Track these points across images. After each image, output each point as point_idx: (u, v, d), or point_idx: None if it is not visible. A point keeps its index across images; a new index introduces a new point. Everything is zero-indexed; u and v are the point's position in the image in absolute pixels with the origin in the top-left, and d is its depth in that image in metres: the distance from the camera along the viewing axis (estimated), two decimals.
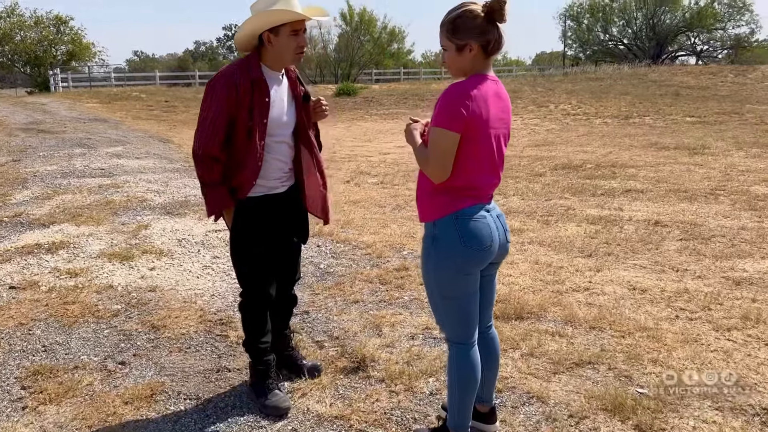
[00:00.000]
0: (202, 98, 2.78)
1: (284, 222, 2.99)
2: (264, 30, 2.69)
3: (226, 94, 2.69)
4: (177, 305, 4.10)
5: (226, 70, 2.76)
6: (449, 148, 2.25)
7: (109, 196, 7.41)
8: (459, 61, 2.33)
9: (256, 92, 2.73)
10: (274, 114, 2.79)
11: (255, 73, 2.74)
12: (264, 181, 2.85)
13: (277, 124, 2.81)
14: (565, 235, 5.76)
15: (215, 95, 2.71)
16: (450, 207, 2.35)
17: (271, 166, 2.85)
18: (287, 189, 2.97)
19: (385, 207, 7.18)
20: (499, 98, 2.38)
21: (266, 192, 2.87)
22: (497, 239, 2.40)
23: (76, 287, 4.42)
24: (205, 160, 2.74)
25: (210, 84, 2.76)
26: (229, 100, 2.69)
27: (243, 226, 2.86)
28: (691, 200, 7.05)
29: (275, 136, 2.83)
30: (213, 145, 2.73)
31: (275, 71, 2.83)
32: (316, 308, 4.09)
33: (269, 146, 2.82)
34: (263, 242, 2.89)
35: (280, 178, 2.92)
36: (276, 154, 2.86)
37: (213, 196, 2.79)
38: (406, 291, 4.37)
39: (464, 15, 2.29)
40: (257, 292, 2.92)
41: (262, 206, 2.87)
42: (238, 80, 2.70)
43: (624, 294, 4.31)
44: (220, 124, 2.71)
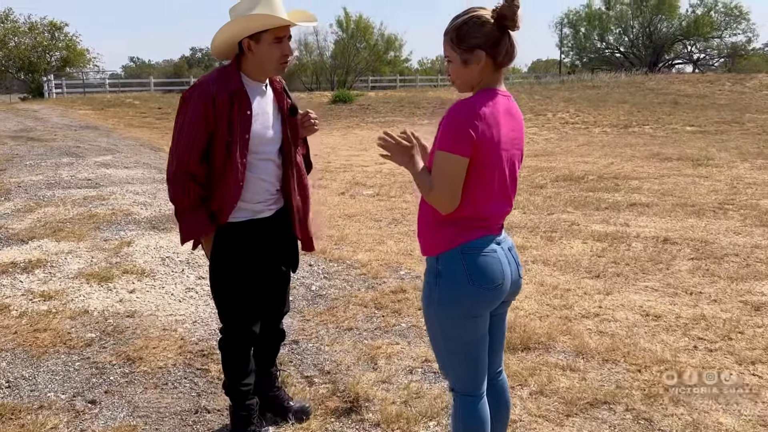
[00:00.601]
0: (176, 113, 2.49)
1: (271, 249, 2.69)
2: (243, 37, 2.41)
3: (203, 106, 2.40)
4: (155, 333, 3.79)
5: (201, 80, 2.47)
6: (457, 174, 1.96)
7: (94, 209, 7.10)
8: (465, 74, 2.05)
9: (235, 104, 2.44)
10: (257, 128, 2.50)
11: (234, 84, 2.45)
12: (247, 204, 2.55)
13: (260, 139, 2.52)
14: (570, 254, 5.47)
15: (190, 108, 2.42)
16: (456, 239, 2.06)
17: (255, 186, 2.55)
18: (274, 213, 2.67)
19: (381, 221, 6.89)
20: (511, 116, 2.10)
21: (250, 216, 2.58)
22: (509, 276, 2.11)
23: (49, 312, 4.11)
24: (182, 178, 2.44)
25: (184, 96, 2.47)
26: (205, 113, 2.40)
27: (224, 255, 2.56)
28: (699, 215, 6.78)
29: (259, 153, 2.53)
30: (190, 161, 2.43)
31: (257, 82, 2.54)
32: (306, 337, 3.79)
33: (252, 165, 2.52)
34: (247, 273, 2.59)
35: (266, 200, 2.61)
36: (260, 174, 2.55)
37: (189, 221, 2.48)
38: (404, 317, 4.07)
39: (471, 22, 2.01)
40: (240, 329, 2.62)
41: (246, 233, 2.57)
42: (215, 92, 2.41)
43: (637, 321, 4.02)
44: (196, 139, 2.42)
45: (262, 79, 2.55)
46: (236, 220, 2.55)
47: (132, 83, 39.14)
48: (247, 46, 2.42)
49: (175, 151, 2.45)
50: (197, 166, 2.44)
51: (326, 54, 40.69)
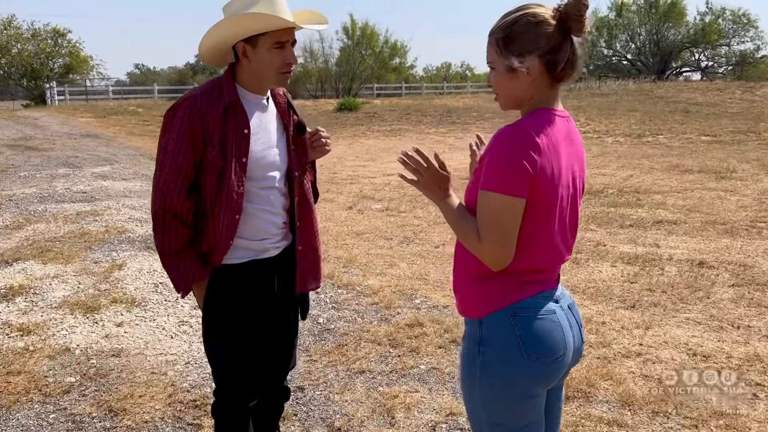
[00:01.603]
0: (160, 132, 2.06)
1: (277, 296, 2.24)
2: (238, 40, 1.97)
3: (189, 127, 1.97)
4: (143, 378, 3.36)
5: (188, 94, 2.04)
6: (512, 220, 1.53)
7: (86, 225, 6.68)
8: (511, 86, 1.62)
9: (230, 122, 2.01)
10: (256, 149, 2.06)
11: (228, 97, 2.02)
12: (247, 241, 2.12)
13: (261, 163, 2.08)
14: (600, 279, 5.02)
15: (175, 128, 1.99)
16: (504, 298, 1.63)
17: (256, 221, 2.11)
18: (282, 251, 2.23)
19: (392, 239, 6.45)
20: (571, 142, 1.67)
21: (252, 257, 2.14)
22: (572, 343, 1.68)
23: (26, 350, 3.69)
24: (164, 218, 2.02)
25: (169, 113, 2.03)
26: (192, 135, 1.97)
27: (218, 305, 2.13)
28: (732, 235, 6.33)
29: (260, 180, 2.10)
30: (174, 197, 2.01)
31: (256, 94, 2.10)
32: (312, 382, 3.35)
33: (252, 194, 2.08)
34: (247, 327, 2.16)
35: (272, 237, 2.18)
36: (263, 204, 2.12)
37: (176, 268, 2.05)
38: (422, 357, 3.63)
39: (524, 20, 1.58)
40: (236, 395, 2.18)
41: (246, 276, 2.13)
42: (205, 107, 1.98)
43: (684, 361, 3.58)
44: (181, 169, 2.00)
45: (262, 91, 2.12)
46: (234, 261, 2.12)
47: (136, 90, 38.88)
48: (242, 51, 1.99)
49: (157, 185, 2.02)
50: (183, 202, 2.01)
51: (331, 61, 40.32)
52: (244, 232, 2.10)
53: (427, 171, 1.69)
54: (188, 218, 2.04)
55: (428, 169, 1.69)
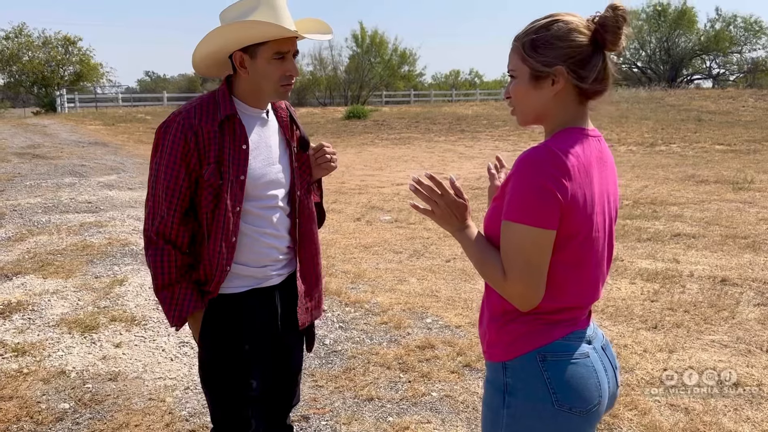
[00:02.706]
0: (151, 151, 1.89)
1: (280, 328, 2.06)
2: (235, 49, 1.81)
3: (183, 144, 1.81)
4: (140, 405, 3.19)
5: (183, 108, 1.88)
6: (541, 255, 1.35)
7: (89, 237, 6.55)
8: (534, 98, 1.45)
9: (227, 137, 1.85)
10: (256, 166, 1.90)
11: (225, 110, 1.86)
12: (246, 268, 1.95)
13: (261, 181, 1.92)
14: (619, 297, 4.82)
15: (167, 146, 1.83)
16: (532, 341, 1.45)
17: (256, 244, 1.95)
18: (285, 278, 2.06)
19: (402, 253, 6.27)
20: (603, 164, 1.51)
21: (253, 285, 1.97)
22: (607, 389, 1.49)
23: (20, 373, 3.53)
24: (158, 245, 1.85)
25: (160, 130, 1.87)
26: (186, 153, 1.81)
27: (215, 338, 1.95)
28: (755, 250, 6.10)
29: (260, 199, 1.93)
30: (168, 223, 1.85)
31: (255, 108, 1.94)
32: (318, 411, 3.16)
33: (252, 215, 1.92)
34: (249, 362, 1.98)
35: (274, 263, 2.01)
36: (264, 227, 1.95)
37: (171, 298, 1.88)
38: (434, 383, 3.44)
39: (555, 27, 1.41)
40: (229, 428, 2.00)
41: (246, 307, 1.96)
42: (199, 123, 1.83)
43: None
44: (175, 190, 1.84)
45: (261, 104, 1.95)
46: (232, 290, 1.94)
47: (146, 98, 39.01)
48: (240, 61, 1.83)
49: (151, 207, 1.87)
50: (178, 227, 1.85)
51: (340, 69, 40.28)
52: (243, 257, 1.93)
53: (443, 199, 1.51)
54: (183, 244, 1.88)
55: (443, 197, 1.51)
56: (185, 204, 1.85)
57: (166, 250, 1.84)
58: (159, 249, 1.85)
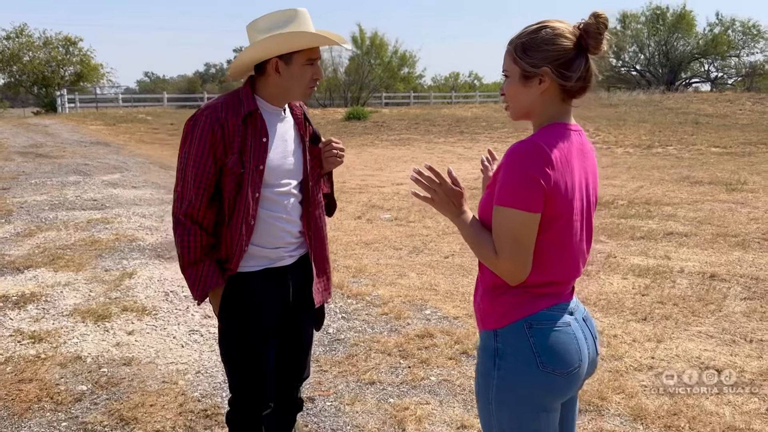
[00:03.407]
0: (180, 142, 2.09)
1: (293, 304, 2.26)
2: (274, 56, 2.02)
3: (210, 135, 2.02)
4: (154, 387, 3.36)
5: (209, 104, 2.09)
6: (528, 235, 1.53)
7: (97, 233, 6.72)
8: (524, 95, 1.63)
9: (249, 130, 2.06)
10: (274, 157, 2.11)
11: (248, 107, 2.06)
12: (263, 249, 2.14)
13: (278, 170, 2.12)
14: (611, 291, 5.00)
15: (196, 137, 2.03)
16: (519, 311, 1.63)
17: (272, 227, 2.14)
18: (297, 259, 2.25)
19: (401, 249, 6.45)
20: (584, 156, 1.68)
21: (268, 265, 2.16)
22: (587, 355, 1.68)
23: (37, 358, 3.70)
24: (186, 226, 2.05)
25: (189, 123, 2.07)
26: (213, 143, 2.02)
27: (234, 313, 2.14)
28: (744, 247, 6.29)
29: (276, 186, 2.13)
30: (196, 206, 2.05)
31: (276, 106, 2.15)
32: (323, 393, 3.34)
33: (268, 201, 2.12)
34: (262, 335, 2.17)
35: (288, 245, 2.20)
36: (279, 212, 2.15)
37: (195, 275, 2.07)
38: (433, 368, 3.62)
39: (544, 32, 1.60)
40: (252, 405, 2.19)
41: (262, 285, 2.15)
42: (226, 117, 2.03)
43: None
44: (203, 177, 2.03)
45: (282, 104, 2.17)
46: (249, 269, 2.14)
47: (146, 98, 39.17)
48: (275, 66, 2.05)
49: (180, 192, 2.07)
50: (204, 210, 2.06)
51: (340, 70, 40.46)
52: (259, 239, 2.13)
53: (441, 188, 1.69)
54: (209, 226, 2.08)
55: (441, 185, 1.69)
56: (211, 189, 2.05)
57: (193, 230, 2.03)
58: (186, 229, 2.04)
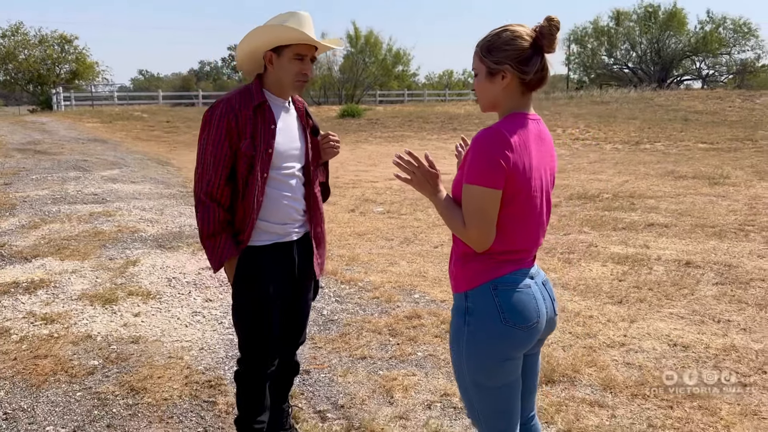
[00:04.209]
0: (200, 130, 2.39)
1: (296, 276, 2.55)
2: (266, 49, 2.32)
3: (226, 123, 2.32)
4: (161, 362, 3.63)
5: (225, 97, 2.39)
6: (491, 208, 1.80)
7: (99, 225, 6.97)
8: (489, 90, 1.90)
9: (259, 119, 2.35)
10: (280, 141, 2.40)
11: (257, 99, 2.37)
12: (271, 224, 2.43)
13: (285, 153, 2.42)
14: (590, 277, 5.28)
15: (214, 126, 2.33)
16: (486, 275, 1.89)
17: (279, 205, 2.43)
18: (302, 236, 2.55)
19: (393, 240, 6.72)
20: (541, 141, 1.95)
21: (276, 239, 2.46)
22: (545, 313, 1.94)
23: (50, 337, 3.96)
24: (205, 203, 2.35)
25: (207, 113, 2.37)
26: (229, 130, 2.32)
27: (246, 281, 2.43)
28: (720, 237, 6.58)
29: (282, 168, 2.42)
30: (215, 185, 2.35)
31: (280, 98, 2.44)
32: (318, 366, 3.61)
33: (275, 181, 2.41)
34: (270, 301, 2.45)
35: (293, 222, 2.50)
36: (285, 191, 2.44)
37: (213, 246, 2.37)
38: (419, 345, 3.89)
39: (504, 35, 1.86)
40: (259, 362, 2.49)
41: (271, 257, 2.44)
42: (239, 107, 2.33)
43: (664, 351, 3.83)
44: (221, 159, 2.34)
45: (284, 95, 2.46)
46: (260, 243, 2.43)
47: (140, 96, 39.31)
48: (269, 59, 2.34)
49: (200, 173, 2.37)
50: (222, 189, 2.35)
51: (335, 68, 40.70)
52: (268, 215, 2.41)
53: (419, 170, 1.96)
54: (226, 203, 2.37)
55: (419, 168, 1.96)
56: (228, 169, 2.34)
57: (212, 207, 2.33)
58: (206, 206, 2.34)
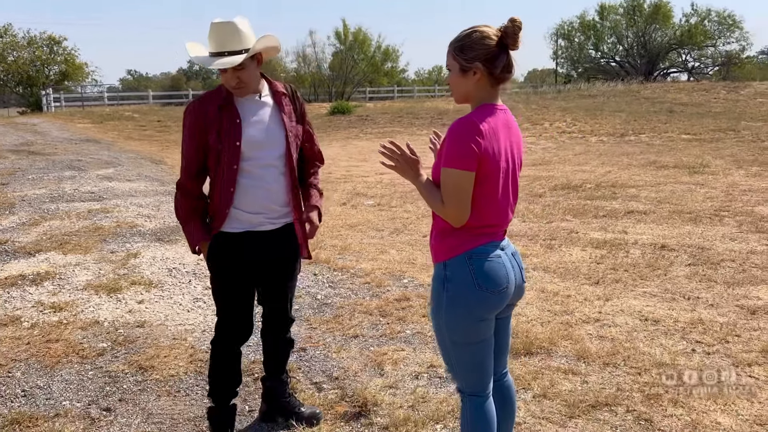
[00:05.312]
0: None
1: (269, 264, 2.75)
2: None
3: (194, 121, 2.58)
4: (166, 343, 3.88)
5: (197, 97, 2.68)
6: (466, 188, 2.06)
7: (98, 221, 7.19)
8: (462, 84, 2.16)
9: (225, 114, 2.57)
10: (250, 133, 2.58)
11: (222, 96, 2.60)
12: (243, 213, 2.61)
13: (256, 145, 2.58)
14: (570, 261, 5.57)
15: (186, 124, 2.62)
16: (462, 247, 2.15)
17: (252, 194, 2.61)
18: (280, 227, 2.71)
19: (383, 231, 6.98)
20: (508, 129, 2.21)
21: (249, 228, 2.63)
22: (513, 279, 2.20)
23: (60, 323, 4.19)
24: (177, 191, 2.68)
25: (184, 112, 2.65)
26: (197, 126, 2.57)
27: (216, 264, 2.68)
28: (695, 222, 6.89)
29: (255, 159, 2.59)
30: (185, 177, 2.65)
31: (246, 95, 2.64)
32: (313, 344, 3.87)
33: (248, 172, 2.59)
34: (237, 287, 2.69)
35: (269, 211, 2.66)
36: (257, 181, 2.61)
37: (186, 231, 2.69)
38: (408, 324, 4.16)
39: (474, 35, 2.12)
40: (227, 336, 2.78)
41: (241, 244, 2.63)
42: (205, 107, 2.58)
43: (636, 325, 4.11)
44: (189, 154, 2.62)
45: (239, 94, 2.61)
46: (231, 230, 2.62)
47: (130, 96, 39.35)
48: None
49: (181, 166, 2.66)
50: (192, 179, 2.63)
51: (324, 65, 40.90)
52: (241, 204, 2.60)
53: (401, 157, 2.22)
54: (193, 191, 2.65)
55: (402, 155, 2.22)
56: (197, 161, 2.61)
57: (181, 196, 2.66)
58: (177, 195, 2.67)
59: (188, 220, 2.65)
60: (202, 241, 2.64)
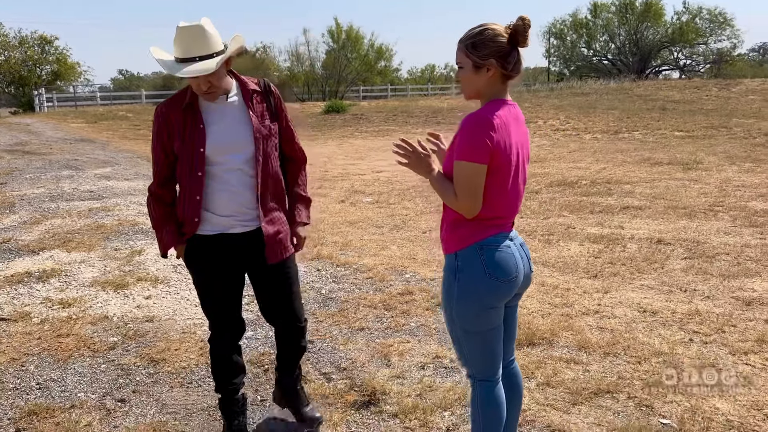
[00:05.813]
0: None
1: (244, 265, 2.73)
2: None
3: (158, 127, 2.61)
4: (176, 336, 3.95)
5: (163, 101, 2.67)
6: (478, 181, 2.14)
7: (100, 219, 7.24)
8: (474, 81, 2.23)
9: (188, 119, 2.56)
10: (214, 139, 2.54)
11: (186, 100, 2.56)
12: (215, 216, 2.60)
13: (220, 149, 2.54)
14: (568, 255, 5.67)
15: (154, 129, 2.64)
16: (473, 237, 2.24)
17: (221, 198, 2.59)
18: (252, 230, 2.64)
19: (383, 227, 7.06)
20: (518, 122, 2.29)
21: (222, 230, 2.62)
22: (522, 269, 2.29)
23: (69, 318, 4.26)
24: (148, 197, 2.70)
25: (153, 115, 2.67)
26: (160, 133, 2.60)
27: (193, 266, 2.72)
28: (690, 217, 7.01)
29: (221, 164, 2.56)
30: (154, 183, 2.68)
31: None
32: (320, 337, 3.95)
33: (215, 176, 2.57)
34: (214, 286, 2.70)
35: (239, 214, 2.62)
36: (224, 185, 2.58)
37: (159, 236, 2.69)
38: (412, 317, 4.24)
39: (487, 33, 2.20)
40: (216, 332, 2.81)
41: (214, 247, 2.62)
42: (168, 111, 2.58)
43: (635, 317, 4.21)
44: (159, 159, 2.64)
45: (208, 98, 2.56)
46: (205, 233, 2.62)
47: (123, 96, 39.21)
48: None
49: (152, 170, 2.70)
50: (160, 185, 2.65)
51: (317, 64, 40.94)
52: (214, 207, 2.60)
53: (413, 153, 2.30)
54: (164, 198, 2.66)
55: (414, 152, 2.30)
56: (165, 169, 2.62)
57: (151, 202, 2.68)
58: (149, 201, 2.70)
59: (161, 225, 2.64)
60: (177, 245, 2.63)
